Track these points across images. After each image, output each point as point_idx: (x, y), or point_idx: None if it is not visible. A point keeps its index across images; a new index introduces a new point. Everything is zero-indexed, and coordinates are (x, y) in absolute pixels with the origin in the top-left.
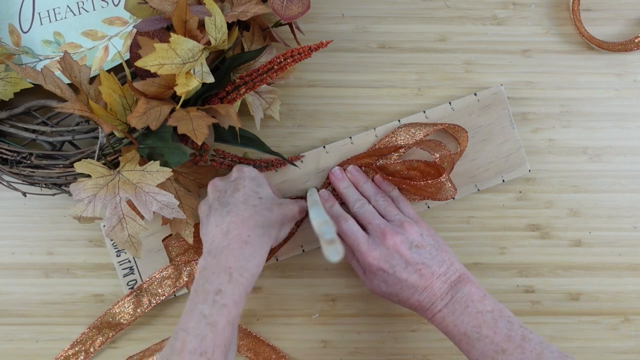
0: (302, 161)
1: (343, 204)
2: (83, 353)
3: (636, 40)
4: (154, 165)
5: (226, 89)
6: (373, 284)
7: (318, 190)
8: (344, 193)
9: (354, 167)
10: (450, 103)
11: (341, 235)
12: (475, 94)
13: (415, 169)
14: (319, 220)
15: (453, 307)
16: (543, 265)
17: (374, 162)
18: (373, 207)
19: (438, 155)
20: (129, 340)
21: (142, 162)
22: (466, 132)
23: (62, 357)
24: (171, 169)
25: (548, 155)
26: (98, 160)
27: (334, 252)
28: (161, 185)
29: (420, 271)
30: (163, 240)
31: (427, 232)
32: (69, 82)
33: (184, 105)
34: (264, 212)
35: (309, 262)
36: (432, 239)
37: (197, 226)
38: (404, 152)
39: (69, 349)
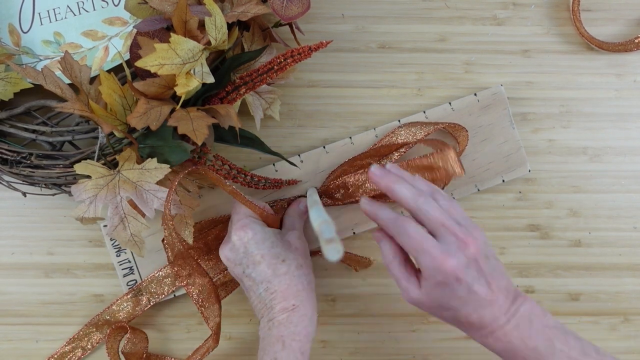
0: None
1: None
2: (80, 350)
3: (636, 41)
4: (152, 162)
5: (226, 89)
6: (431, 294)
7: (318, 191)
8: (396, 189)
9: (391, 164)
10: (450, 103)
11: (400, 238)
12: (475, 94)
13: (419, 168)
14: (319, 220)
15: (517, 321)
16: (543, 265)
17: (375, 162)
18: None
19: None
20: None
21: (141, 161)
22: (466, 131)
23: (59, 354)
24: (170, 168)
25: (548, 155)
26: (98, 160)
27: (333, 251)
28: (161, 184)
29: (490, 284)
30: (163, 241)
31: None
32: (69, 82)
33: (184, 106)
34: (295, 273)
35: None
36: (491, 248)
37: (197, 226)
38: (404, 152)
39: (65, 345)
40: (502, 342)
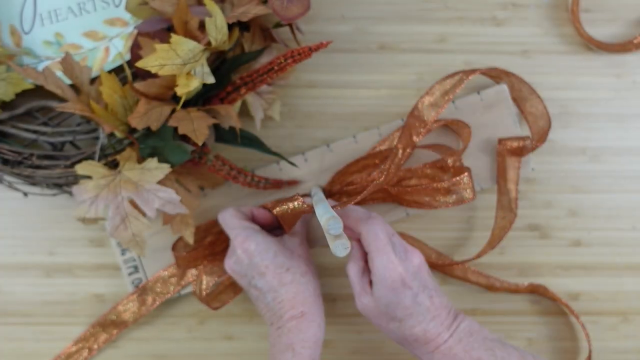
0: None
1: None
2: (86, 350)
3: (635, 41)
4: (152, 162)
5: (226, 90)
6: (380, 300)
7: (322, 189)
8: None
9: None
10: (453, 102)
11: (368, 235)
12: (478, 93)
13: (425, 176)
14: (326, 216)
15: (459, 336)
16: (542, 265)
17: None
18: None
19: (451, 161)
20: (130, 339)
21: (142, 161)
22: (469, 127)
23: (65, 355)
24: (171, 167)
25: (547, 155)
26: (99, 160)
27: (341, 247)
28: (161, 184)
29: (432, 298)
30: (173, 249)
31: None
32: (70, 82)
33: (184, 106)
34: (300, 280)
35: None
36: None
37: (198, 229)
38: (410, 152)
39: (72, 345)
40: (447, 357)
